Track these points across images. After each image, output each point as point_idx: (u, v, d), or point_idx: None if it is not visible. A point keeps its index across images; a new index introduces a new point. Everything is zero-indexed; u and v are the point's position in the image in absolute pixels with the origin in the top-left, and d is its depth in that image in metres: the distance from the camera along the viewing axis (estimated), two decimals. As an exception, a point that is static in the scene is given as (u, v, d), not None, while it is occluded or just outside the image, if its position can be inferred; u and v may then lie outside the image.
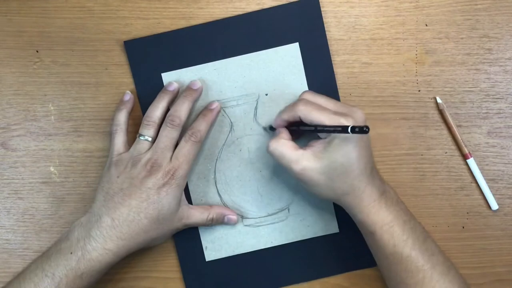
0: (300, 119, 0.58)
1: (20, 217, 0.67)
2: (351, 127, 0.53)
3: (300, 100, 0.59)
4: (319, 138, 0.59)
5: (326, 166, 0.57)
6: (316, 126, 0.57)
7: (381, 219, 0.57)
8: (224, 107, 0.65)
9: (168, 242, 0.66)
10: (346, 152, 0.56)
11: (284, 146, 0.58)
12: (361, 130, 0.52)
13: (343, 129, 0.54)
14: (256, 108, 0.65)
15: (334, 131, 0.55)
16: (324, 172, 0.57)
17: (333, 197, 0.59)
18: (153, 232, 0.60)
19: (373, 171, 0.59)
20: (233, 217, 0.65)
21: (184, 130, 0.62)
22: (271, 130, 0.64)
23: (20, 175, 0.67)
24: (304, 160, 0.57)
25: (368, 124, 0.65)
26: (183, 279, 0.66)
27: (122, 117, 0.63)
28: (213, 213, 0.64)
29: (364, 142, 0.57)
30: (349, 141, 0.56)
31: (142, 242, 0.60)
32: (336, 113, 0.57)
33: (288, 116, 0.60)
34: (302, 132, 0.61)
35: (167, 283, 0.67)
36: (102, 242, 0.58)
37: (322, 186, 0.58)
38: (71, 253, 0.58)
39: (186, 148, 0.61)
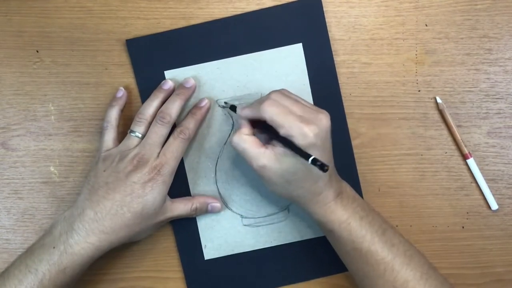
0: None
1: (20, 217, 0.67)
2: (312, 159, 0.51)
3: (267, 100, 0.57)
4: None
5: (285, 170, 0.56)
6: (278, 137, 0.56)
7: (337, 218, 0.57)
8: (227, 106, 0.65)
9: (168, 242, 0.66)
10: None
11: (246, 142, 0.58)
12: (321, 167, 0.51)
13: (305, 155, 0.52)
14: (257, 108, 0.65)
15: (295, 151, 0.54)
16: (282, 175, 0.57)
17: (288, 198, 0.59)
18: (136, 226, 0.60)
19: (331, 177, 0.58)
20: (217, 204, 0.65)
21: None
22: (232, 110, 0.62)
23: (20, 175, 0.67)
24: (264, 158, 0.57)
25: (365, 124, 0.65)
26: (184, 276, 0.66)
27: (113, 114, 0.63)
28: (196, 202, 0.64)
29: (325, 150, 0.56)
30: (310, 149, 0.54)
31: (124, 237, 0.60)
32: (302, 119, 0.55)
33: (253, 115, 0.58)
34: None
35: (167, 283, 0.67)
36: (84, 235, 0.58)
37: (278, 186, 0.58)
38: (54, 247, 0.58)
39: (174, 145, 0.61)
